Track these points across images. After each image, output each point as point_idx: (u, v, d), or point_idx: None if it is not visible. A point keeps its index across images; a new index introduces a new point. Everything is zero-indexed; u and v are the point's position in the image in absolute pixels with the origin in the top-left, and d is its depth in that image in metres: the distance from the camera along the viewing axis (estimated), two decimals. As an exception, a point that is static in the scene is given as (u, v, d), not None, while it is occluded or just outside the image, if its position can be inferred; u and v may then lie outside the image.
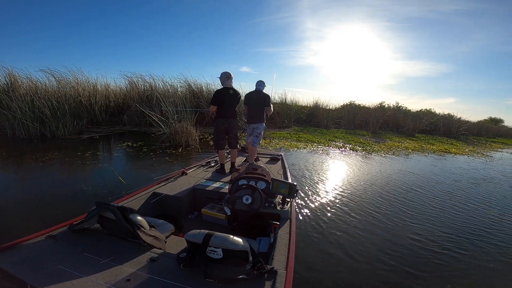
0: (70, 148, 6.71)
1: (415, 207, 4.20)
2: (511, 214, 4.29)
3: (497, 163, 9.49)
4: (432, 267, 2.64)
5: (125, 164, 5.66)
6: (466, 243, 3.21)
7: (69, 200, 3.57)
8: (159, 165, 5.44)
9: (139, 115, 10.84)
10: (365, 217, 3.65)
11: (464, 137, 18.52)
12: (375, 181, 5.52)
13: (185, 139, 7.32)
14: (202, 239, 1.42)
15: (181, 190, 2.77)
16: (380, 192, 4.79)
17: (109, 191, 3.80)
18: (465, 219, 3.91)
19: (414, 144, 12.12)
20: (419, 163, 8.05)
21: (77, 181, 4.36)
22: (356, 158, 7.84)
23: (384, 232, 3.28)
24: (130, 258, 1.50)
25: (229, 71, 3.60)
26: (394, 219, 3.67)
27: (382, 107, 18.41)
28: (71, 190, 3.88)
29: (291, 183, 2.27)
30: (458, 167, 7.98)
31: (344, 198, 4.32)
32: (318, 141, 10.22)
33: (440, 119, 19.26)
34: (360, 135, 13.51)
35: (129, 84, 11.89)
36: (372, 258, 2.69)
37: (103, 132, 9.24)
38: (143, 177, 4.56)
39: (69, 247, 1.57)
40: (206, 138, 8.80)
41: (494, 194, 5.37)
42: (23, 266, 1.36)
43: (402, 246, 2.96)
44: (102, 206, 1.68)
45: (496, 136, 23.58)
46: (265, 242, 1.94)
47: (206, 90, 12.28)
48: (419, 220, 3.71)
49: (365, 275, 2.42)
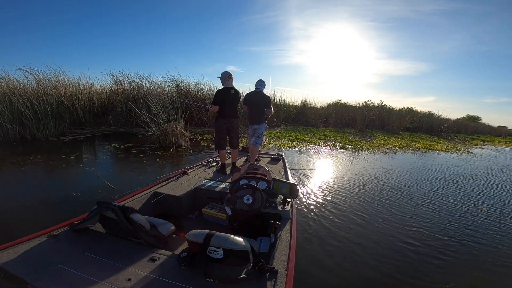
0: (53, 151, 6.37)
1: (413, 205, 4.29)
2: (499, 209, 4.46)
3: (480, 160, 9.92)
4: (433, 266, 2.68)
5: (114, 167, 5.44)
6: (463, 238, 3.33)
7: (57, 207, 3.34)
8: (150, 167, 5.26)
9: (125, 115, 10.52)
10: (365, 217, 3.68)
11: (446, 135, 19.32)
12: (371, 179, 5.64)
13: (176, 139, 7.13)
14: (203, 239, 1.42)
15: (182, 190, 2.76)
16: (377, 190, 4.89)
17: (101, 197, 3.64)
18: (460, 215, 4.07)
19: (400, 142, 12.46)
20: (407, 160, 8.32)
21: (64, 186, 4.14)
22: (348, 157, 7.98)
23: (384, 231, 3.30)
24: (131, 258, 1.50)
25: (229, 71, 3.58)
26: (394, 218, 3.71)
27: (368, 106, 18.81)
28: (58, 196, 3.64)
29: (292, 183, 2.28)
30: (444, 164, 8.29)
31: (344, 197, 4.36)
32: (309, 140, 10.29)
33: (422, 117, 19.94)
34: (348, 133, 13.75)
35: (114, 83, 11.49)
36: (372, 257, 2.71)
37: (87, 134, 8.87)
38: (135, 180, 4.41)
39: (70, 247, 1.57)
40: (196, 139, 8.65)
41: (482, 190, 5.61)
42: (23, 265, 1.36)
43: (403, 246, 2.99)
44: (103, 206, 1.67)
45: (474, 133, 24.74)
46: (265, 242, 1.94)
47: (195, 89, 12.08)
48: (418, 219, 3.78)
49: (366, 275, 2.44)
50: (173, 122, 7.43)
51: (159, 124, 7.47)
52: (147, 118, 7.58)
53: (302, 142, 9.78)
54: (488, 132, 27.16)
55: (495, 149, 14.71)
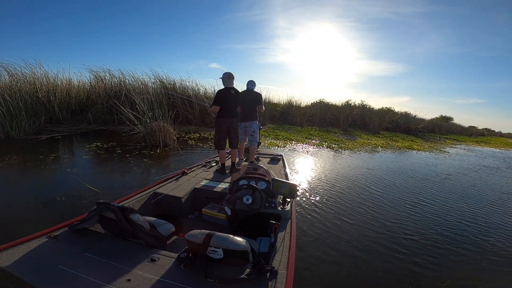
0: (30, 151, 5.97)
1: (407, 204, 4.44)
2: (480, 206, 4.74)
3: (456, 159, 10.47)
4: (433, 265, 2.74)
5: (98, 168, 5.11)
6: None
7: (39, 213, 3.10)
8: (138, 169, 5.07)
9: (106, 112, 10.07)
10: (365, 216, 3.73)
11: (422, 134, 20.21)
12: (363, 177, 5.85)
13: (163, 138, 6.91)
14: (203, 239, 1.42)
15: (182, 190, 2.76)
16: (370, 189, 5.04)
17: (88, 201, 3.39)
18: (447, 211, 4.32)
19: (382, 141, 12.90)
20: (390, 160, 8.67)
21: (46, 190, 3.83)
22: (336, 156, 8.19)
23: (385, 231, 3.35)
24: (131, 258, 1.50)
25: (231, 72, 3.61)
26: (393, 217, 3.81)
27: (349, 105, 19.28)
28: (41, 201, 3.38)
29: (291, 183, 2.29)
30: (425, 163, 8.67)
31: (341, 196, 4.44)
32: (296, 139, 10.39)
33: (400, 117, 20.71)
34: (332, 132, 14.03)
35: (94, 79, 10.95)
36: (372, 257, 2.75)
37: (65, 132, 8.40)
38: (120, 182, 4.24)
39: (70, 247, 1.57)
40: (183, 137, 8.45)
41: (461, 188, 5.93)
42: (23, 266, 1.36)
43: (404, 245, 3.05)
44: (102, 206, 1.67)
45: (448, 133, 26.09)
46: (265, 242, 1.93)
47: (180, 86, 11.78)
48: (413, 217, 3.91)
49: (366, 275, 2.47)
50: (160, 120, 7.19)
51: (145, 122, 7.20)
52: (132, 116, 7.30)
53: (290, 141, 9.85)
54: (460, 132, 28.75)
55: (468, 148, 15.64)
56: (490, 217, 4.26)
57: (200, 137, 9.07)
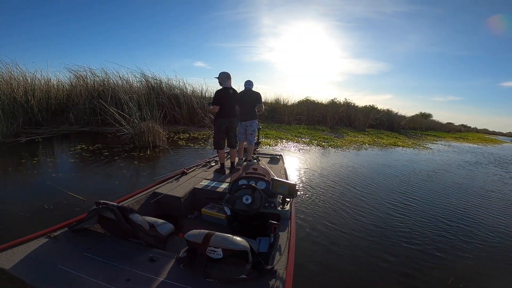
0: (9, 154, 5.63)
1: (403, 201, 4.55)
2: (468, 201, 4.94)
3: (439, 154, 10.88)
4: (434, 264, 2.77)
5: (85, 173, 4.79)
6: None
7: (28, 223, 2.86)
8: (129, 172, 4.87)
9: (89, 113, 9.66)
10: (364, 215, 3.75)
11: (404, 131, 20.87)
12: (356, 175, 5.96)
13: (152, 139, 6.70)
14: (202, 239, 1.42)
15: (181, 190, 2.77)
16: (363, 186, 5.16)
17: (82, 208, 3.15)
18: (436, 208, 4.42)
19: (368, 138, 13.20)
20: (379, 156, 8.95)
21: (32, 197, 3.54)
22: (328, 154, 8.34)
23: (385, 230, 3.37)
24: (130, 258, 1.51)
25: (227, 72, 3.61)
26: (393, 215, 3.86)
27: (335, 103, 19.55)
28: (27, 210, 3.11)
29: (291, 183, 2.29)
30: (410, 159, 8.96)
31: (339, 195, 4.47)
32: (286, 137, 10.42)
33: (384, 114, 21.27)
34: (320, 130, 14.20)
35: (74, 78, 10.46)
36: (372, 257, 2.75)
37: (46, 134, 7.97)
38: (113, 188, 4.01)
39: (69, 247, 1.57)
40: (172, 138, 8.24)
41: (447, 183, 6.20)
42: (23, 266, 1.35)
43: (404, 244, 3.07)
44: (102, 206, 1.66)
45: (428, 129, 27.12)
46: (265, 242, 1.94)
47: (166, 86, 11.49)
48: (412, 214, 3.99)
49: (365, 275, 2.47)
50: (149, 120, 6.96)
51: (133, 123, 6.95)
52: (119, 116, 7.02)
53: (280, 139, 9.86)
54: (439, 128, 29.98)
55: (448, 144, 16.34)
56: (483, 209, 4.49)
57: (190, 137, 8.90)
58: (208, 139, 8.56)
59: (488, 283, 2.58)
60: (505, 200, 5.23)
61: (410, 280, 2.45)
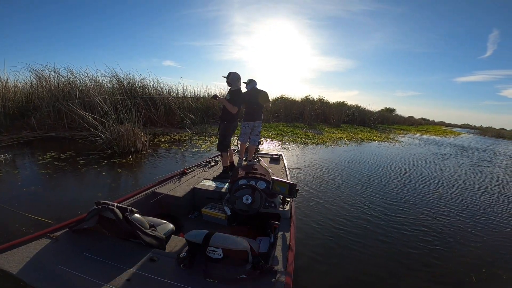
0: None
1: (404, 195, 4.77)
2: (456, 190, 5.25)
3: (411, 147, 11.56)
4: (434, 263, 2.78)
5: (64, 184, 4.15)
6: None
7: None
8: (115, 181, 4.41)
9: (53, 116, 8.75)
10: (364, 215, 3.75)
11: (375, 126, 21.92)
12: (351, 171, 6.17)
13: (134, 144, 6.20)
14: (202, 239, 1.43)
15: (181, 190, 2.77)
16: (360, 183, 5.28)
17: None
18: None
19: (345, 134, 13.69)
20: (361, 151, 9.24)
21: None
22: (314, 151, 8.55)
23: (385, 230, 3.36)
24: (130, 258, 1.50)
25: (238, 72, 3.55)
26: (393, 214, 3.88)
27: (308, 100, 19.91)
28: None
29: (291, 183, 2.29)
30: (390, 153, 9.54)
31: (336, 193, 4.49)
32: (269, 136, 10.41)
33: (355, 110, 22.13)
34: (299, 127, 14.38)
35: (36, 79, 9.41)
36: (372, 257, 2.75)
37: (6, 141, 7.05)
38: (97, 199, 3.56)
39: (69, 248, 1.57)
40: (153, 141, 7.75)
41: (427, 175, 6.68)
42: (23, 266, 1.35)
43: (404, 243, 3.08)
44: (102, 206, 1.66)
45: (394, 123, 28.77)
46: (265, 242, 1.96)
47: (140, 86, 10.82)
48: (413, 211, 4.08)
49: (365, 275, 2.46)
50: (127, 123, 6.43)
51: (109, 126, 6.37)
52: (92, 119, 6.41)
53: (264, 138, 9.77)
54: (403, 122, 31.98)
55: (415, 137, 17.60)
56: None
57: (171, 139, 8.48)
58: (191, 141, 8.19)
59: (488, 282, 2.60)
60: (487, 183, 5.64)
61: (410, 280, 2.45)
